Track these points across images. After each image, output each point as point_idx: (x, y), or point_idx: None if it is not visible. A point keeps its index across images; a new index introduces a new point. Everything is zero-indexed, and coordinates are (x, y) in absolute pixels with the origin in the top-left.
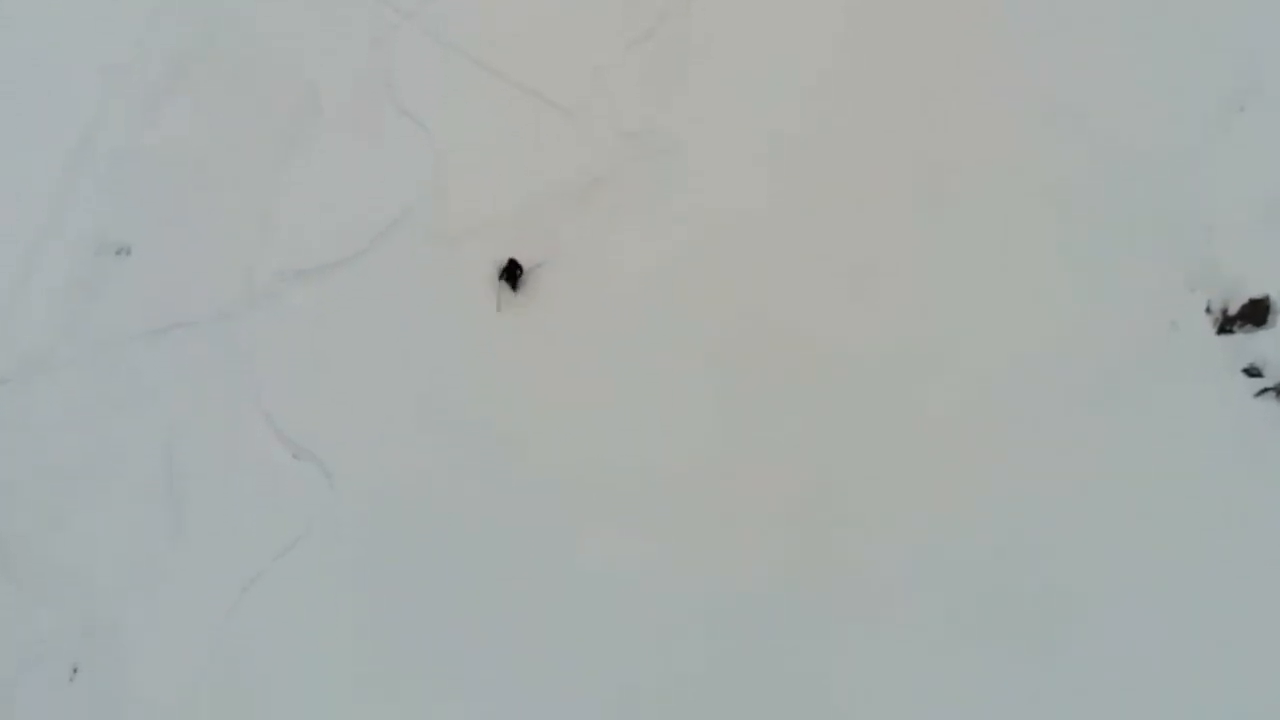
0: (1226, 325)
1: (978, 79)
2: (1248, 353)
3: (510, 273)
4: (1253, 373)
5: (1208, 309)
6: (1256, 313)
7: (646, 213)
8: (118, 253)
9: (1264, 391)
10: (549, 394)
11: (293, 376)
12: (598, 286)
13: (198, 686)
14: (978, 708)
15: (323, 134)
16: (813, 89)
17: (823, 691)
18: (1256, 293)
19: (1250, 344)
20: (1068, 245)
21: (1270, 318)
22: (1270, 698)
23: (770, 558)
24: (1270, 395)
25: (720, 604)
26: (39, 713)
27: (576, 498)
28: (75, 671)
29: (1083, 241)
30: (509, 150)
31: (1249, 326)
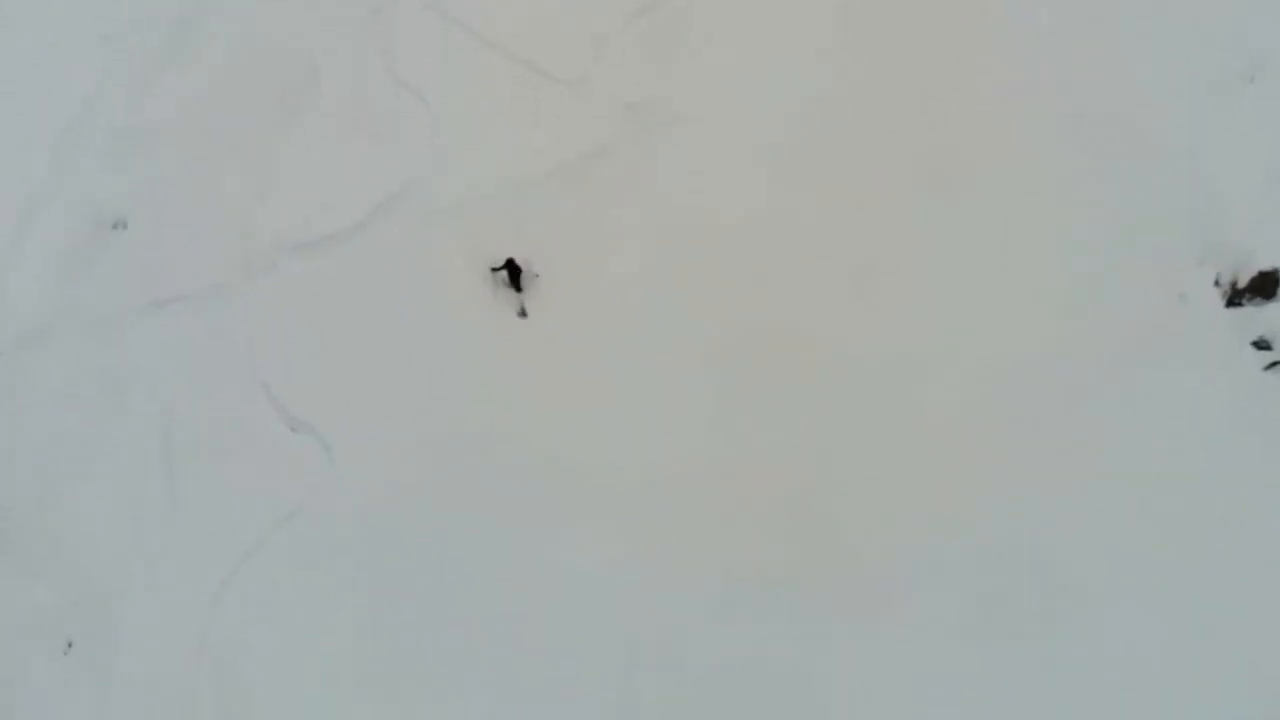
0: (1235, 298)
1: (978, 74)
2: (1257, 325)
3: (512, 274)
4: (1262, 345)
5: (1216, 282)
6: (1266, 285)
7: (648, 185)
8: (114, 226)
9: (1274, 365)
10: (549, 393)
11: (290, 349)
12: (598, 286)
13: (191, 659)
14: (978, 707)
15: (321, 106)
16: (812, 88)
17: (822, 690)
18: (1266, 265)
19: (1260, 316)
20: (1072, 230)
21: None
22: (1271, 698)
23: (770, 557)
24: None
25: (720, 603)
26: (34, 685)
27: (576, 496)
28: (70, 645)
29: (1089, 221)
30: (509, 123)
31: (1258, 299)
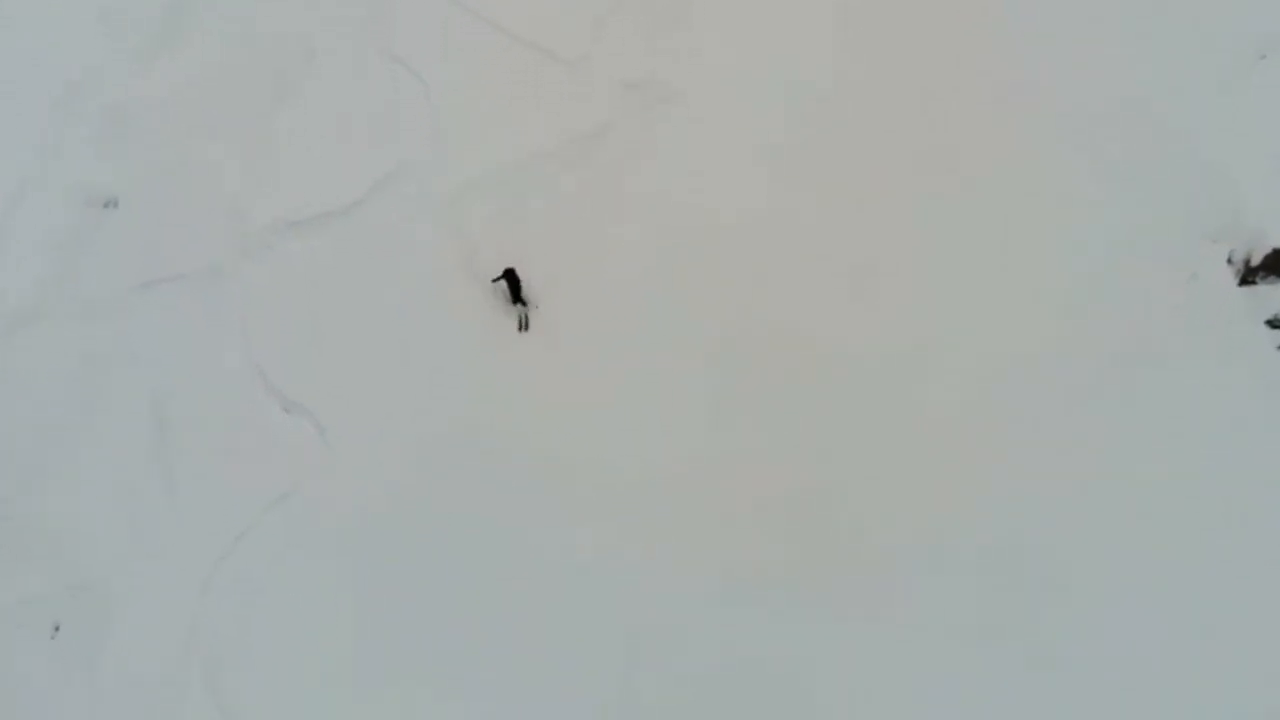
0: (1249, 277)
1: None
2: (1271, 304)
3: (512, 285)
4: (1276, 324)
5: (1229, 260)
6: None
7: (648, 173)
8: (105, 205)
9: None
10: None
11: (286, 330)
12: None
13: (182, 644)
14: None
15: (318, 85)
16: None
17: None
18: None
19: (1273, 295)
20: (1080, 213)
21: None
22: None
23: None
24: None
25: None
26: (19, 669)
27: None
28: (57, 629)
29: (1098, 202)
30: (509, 103)
31: (1272, 277)
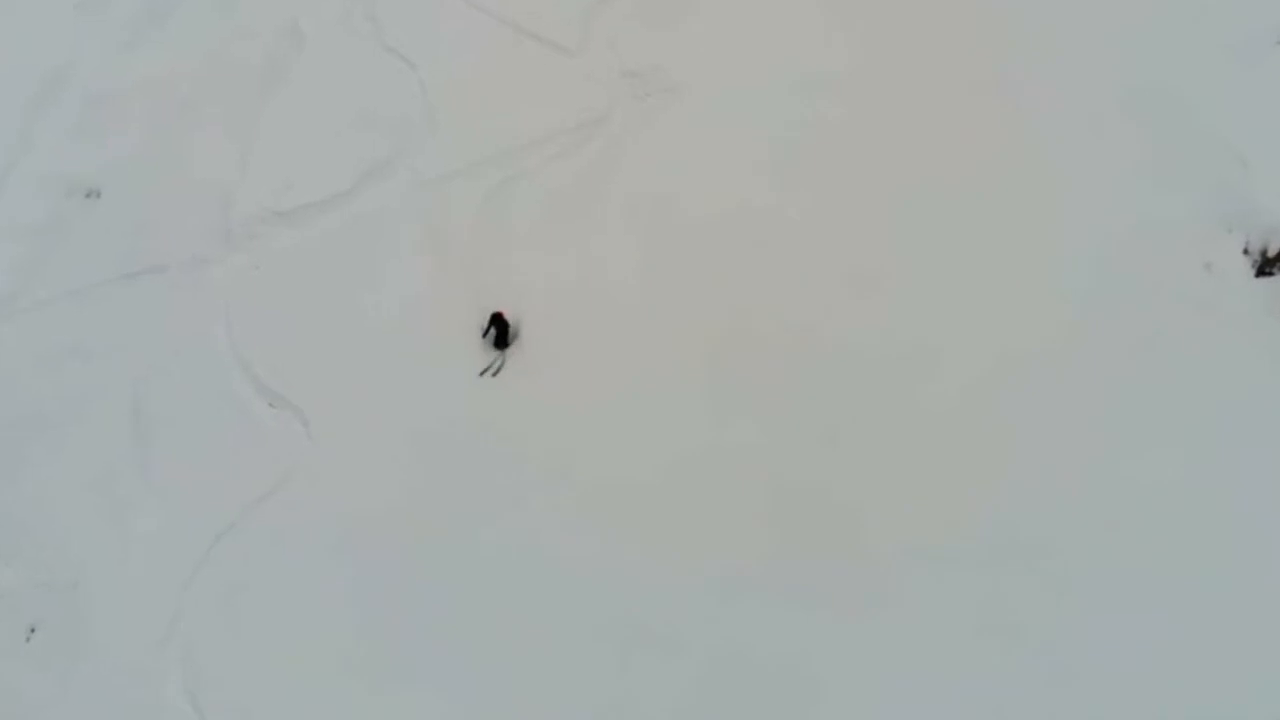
0: (1265, 267)
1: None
2: None
3: (499, 330)
4: None
5: (1245, 250)
6: None
7: (647, 154)
8: (87, 195)
9: None
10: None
11: (270, 322)
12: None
13: (160, 643)
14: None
15: (305, 73)
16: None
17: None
18: None
19: None
20: (1093, 201)
21: None
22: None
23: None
24: None
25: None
26: None
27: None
28: (33, 631)
29: (1111, 188)
30: (502, 90)
31: None
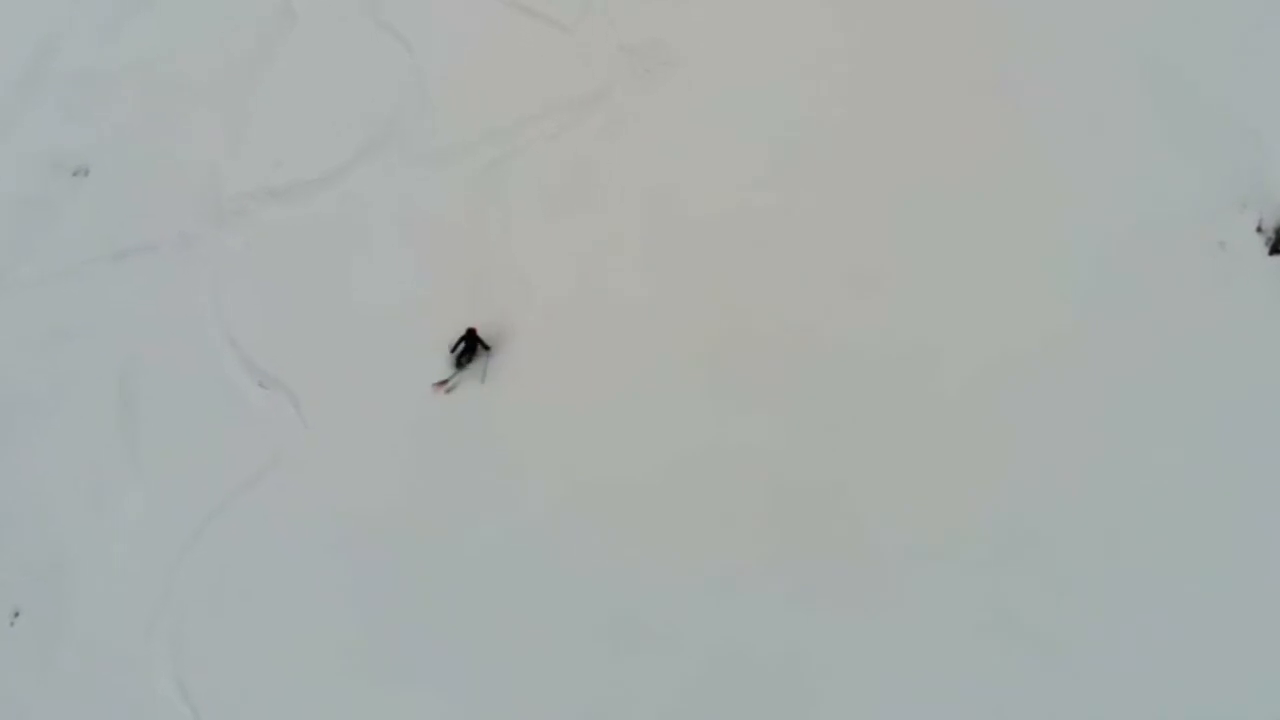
0: (1279, 245)
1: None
2: None
3: (467, 347)
4: None
5: (1259, 228)
6: None
7: (647, 146)
8: (75, 173)
9: None
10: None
11: (261, 302)
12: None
13: (147, 628)
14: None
15: (299, 50)
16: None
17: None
18: None
19: None
20: (1098, 191)
21: None
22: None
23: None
24: None
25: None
26: None
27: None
28: (16, 615)
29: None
30: (497, 66)
31: None
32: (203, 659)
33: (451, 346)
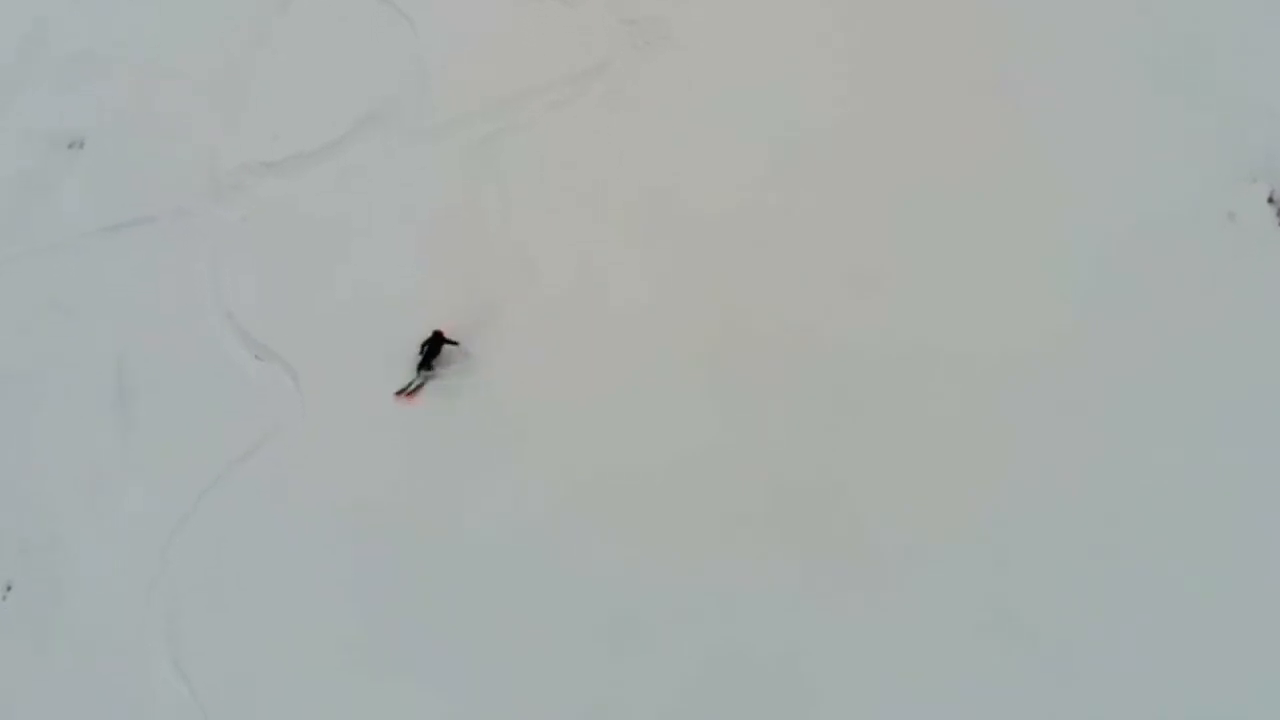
0: None
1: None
2: None
3: (431, 349)
4: None
5: (1270, 199)
6: None
7: (646, 102)
8: (70, 146)
9: None
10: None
11: (258, 275)
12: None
13: (142, 605)
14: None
15: (297, 22)
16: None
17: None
18: None
19: None
20: (1107, 165)
21: None
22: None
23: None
24: None
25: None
26: None
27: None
28: (8, 589)
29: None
30: (497, 38)
31: None
32: (197, 632)
33: (420, 349)
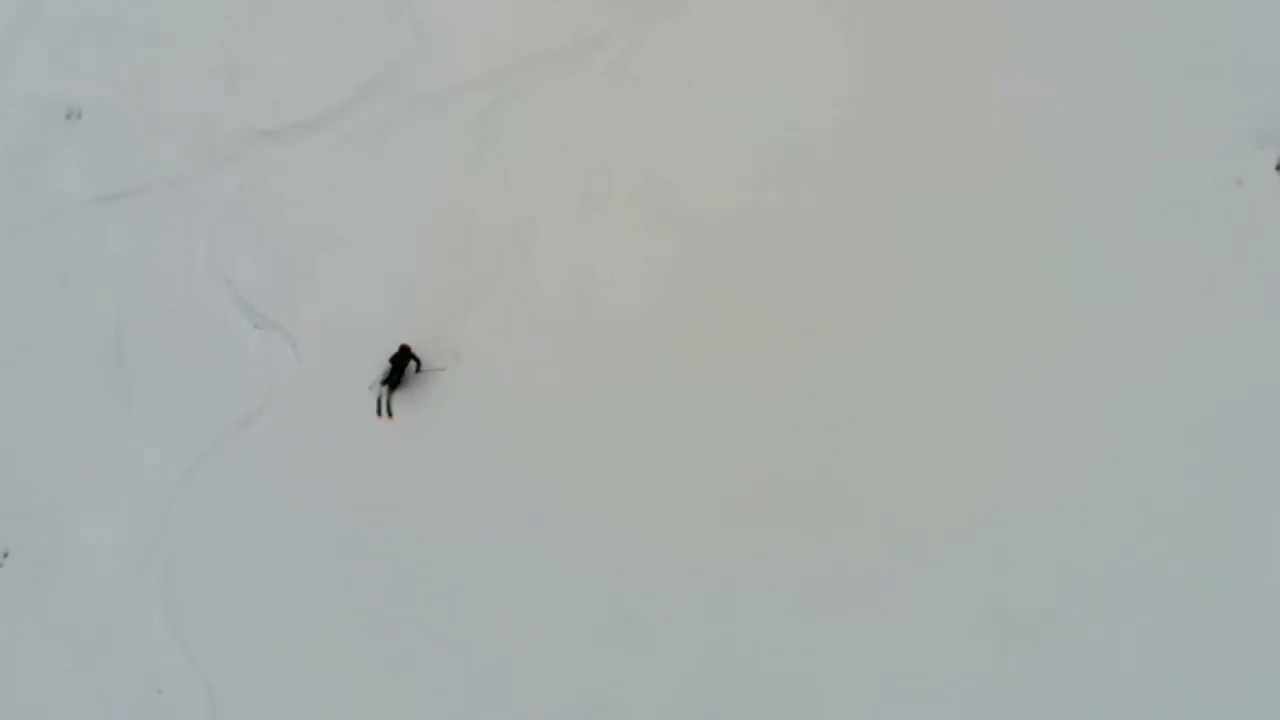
0: None
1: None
2: None
3: (396, 366)
4: None
5: (1278, 167)
6: None
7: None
8: (67, 116)
9: None
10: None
11: (256, 243)
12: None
13: (138, 571)
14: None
15: None
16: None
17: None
18: None
19: None
20: (1116, 134)
21: None
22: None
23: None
24: None
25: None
26: None
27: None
28: (5, 556)
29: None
30: (499, 8)
31: None
32: (194, 596)
33: (388, 362)
